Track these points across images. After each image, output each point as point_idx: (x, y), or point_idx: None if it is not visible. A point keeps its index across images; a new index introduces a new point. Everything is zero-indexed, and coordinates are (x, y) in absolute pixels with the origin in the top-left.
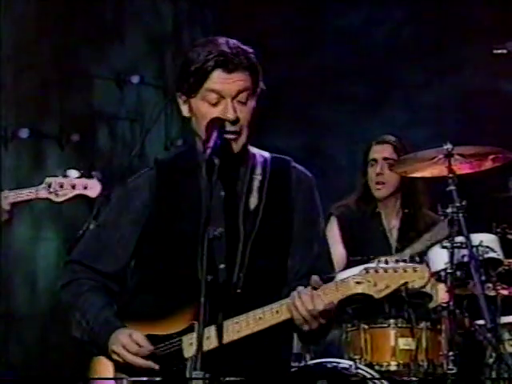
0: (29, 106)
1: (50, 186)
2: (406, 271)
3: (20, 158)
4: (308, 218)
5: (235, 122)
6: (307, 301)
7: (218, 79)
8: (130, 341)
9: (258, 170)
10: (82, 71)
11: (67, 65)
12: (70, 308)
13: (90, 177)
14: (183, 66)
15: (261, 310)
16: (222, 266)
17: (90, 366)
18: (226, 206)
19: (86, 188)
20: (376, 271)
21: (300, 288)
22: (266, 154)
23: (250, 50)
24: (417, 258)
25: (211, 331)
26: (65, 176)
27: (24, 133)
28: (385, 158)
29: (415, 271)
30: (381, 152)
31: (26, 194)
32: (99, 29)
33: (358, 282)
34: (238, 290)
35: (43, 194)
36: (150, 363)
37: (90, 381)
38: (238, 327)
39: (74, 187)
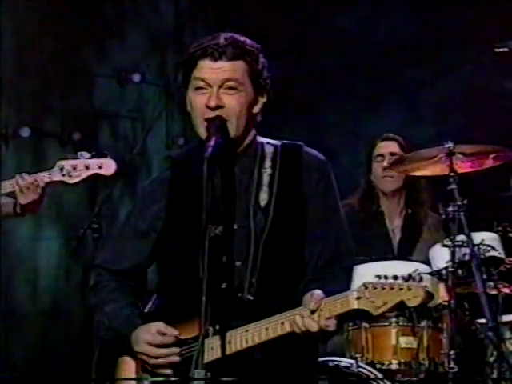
0: (30, 104)
1: (62, 169)
2: (401, 289)
3: (21, 157)
4: (323, 204)
5: (216, 108)
6: (309, 324)
7: (204, 67)
8: (151, 335)
9: (267, 163)
10: (83, 70)
11: (68, 63)
12: (96, 309)
13: (103, 156)
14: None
15: (268, 320)
16: (237, 264)
17: (115, 366)
18: (234, 203)
19: (100, 167)
20: (374, 287)
21: (300, 311)
22: (276, 143)
23: (248, 42)
24: (416, 276)
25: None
26: (76, 158)
27: (25, 131)
28: (392, 154)
29: (410, 290)
30: (387, 148)
31: (46, 176)
32: (100, 27)
33: (356, 298)
34: (251, 297)
35: (57, 177)
36: (174, 349)
37: (114, 381)
38: (247, 337)
39: (87, 168)
